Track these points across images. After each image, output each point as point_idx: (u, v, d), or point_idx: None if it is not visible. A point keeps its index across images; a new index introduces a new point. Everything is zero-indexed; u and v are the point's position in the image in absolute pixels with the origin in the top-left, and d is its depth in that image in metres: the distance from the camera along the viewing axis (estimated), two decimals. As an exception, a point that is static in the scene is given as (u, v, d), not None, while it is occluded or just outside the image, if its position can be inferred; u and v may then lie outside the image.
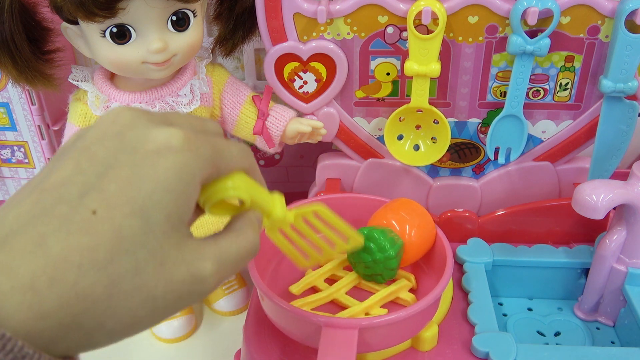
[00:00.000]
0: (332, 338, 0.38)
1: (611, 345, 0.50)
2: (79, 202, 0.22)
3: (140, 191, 0.22)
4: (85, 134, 0.24)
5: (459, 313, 0.48)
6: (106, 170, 0.23)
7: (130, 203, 0.22)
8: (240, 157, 0.27)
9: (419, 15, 0.48)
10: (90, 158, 0.23)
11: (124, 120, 0.24)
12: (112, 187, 0.22)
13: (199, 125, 0.27)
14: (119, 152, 0.23)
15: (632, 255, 0.49)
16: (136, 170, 0.23)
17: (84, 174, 0.23)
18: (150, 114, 0.25)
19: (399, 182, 0.59)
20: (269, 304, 0.43)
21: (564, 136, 0.55)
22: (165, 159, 0.23)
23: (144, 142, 0.23)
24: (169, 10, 0.45)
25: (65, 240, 0.21)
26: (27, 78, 0.48)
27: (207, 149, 0.25)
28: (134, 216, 0.22)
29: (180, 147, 0.24)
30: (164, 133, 0.24)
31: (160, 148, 0.23)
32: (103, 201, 0.22)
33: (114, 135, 0.24)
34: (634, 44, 0.47)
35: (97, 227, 0.22)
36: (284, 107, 0.55)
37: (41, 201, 0.22)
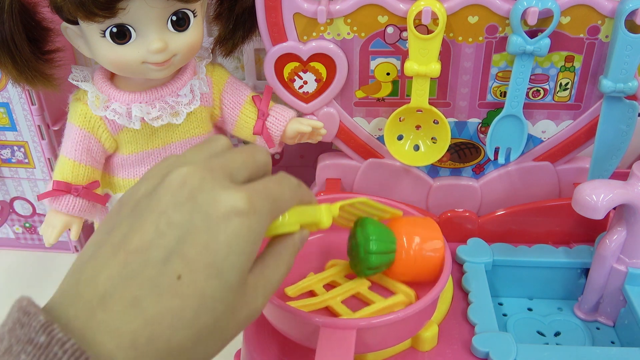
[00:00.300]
0: (330, 338, 0.38)
1: (611, 345, 0.51)
2: (164, 267, 0.25)
3: (216, 256, 0.25)
4: (158, 194, 0.27)
5: (459, 313, 0.48)
6: (185, 235, 0.25)
7: (209, 267, 0.25)
8: (292, 198, 0.31)
9: (419, 15, 0.48)
10: (168, 222, 0.26)
11: (194, 183, 0.26)
12: (192, 252, 0.25)
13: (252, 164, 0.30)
14: (194, 216, 0.26)
15: (632, 255, 0.49)
16: (211, 235, 0.25)
17: (165, 239, 0.25)
18: (212, 170, 0.27)
19: (399, 182, 0.59)
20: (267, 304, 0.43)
21: (564, 136, 0.55)
22: (235, 224, 0.26)
23: (214, 206, 0.26)
24: (169, 10, 0.45)
25: (158, 303, 0.24)
26: (27, 78, 0.48)
27: (267, 205, 0.28)
28: (213, 278, 0.25)
29: (247, 210, 0.26)
30: (231, 198, 0.26)
31: (229, 213, 0.26)
32: (186, 266, 0.25)
33: (186, 199, 0.26)
34: (634, 44, 0.47)
35: (183, 290, 0.25)
36: (284, 107, 0.55)
37: (129, 264, 0.25)
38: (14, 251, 0.73)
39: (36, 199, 0.68)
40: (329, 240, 0.53)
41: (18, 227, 0.72)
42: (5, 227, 0.72)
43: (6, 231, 0.72)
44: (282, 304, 0.40)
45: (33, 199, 0.69)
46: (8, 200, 0.69)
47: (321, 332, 0.39)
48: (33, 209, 0.70)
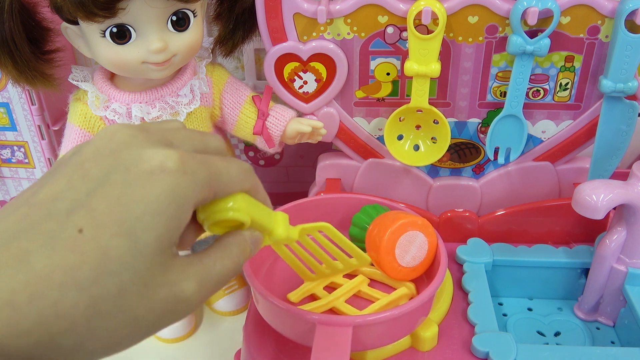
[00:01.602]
0: (327, 336, 0.38)
1: (611, 345, 0.51)
2: (66, 219, 0.22)
3: (130, 212, 0.22)
4: (81, 150, 0.24)
5: (459, 313, 0.48)
6: (97, 188, 0.22)
7: (118, 223, 0.22)
8: (239, 179, 0.27)
9: (419, 15, 0.48)
10: (83, 175, 0.23)
11: (121, 138, 0.24)
12: (101, 206, 0.22)
13: (199, 143, 0.27)
14: (112, 170, 0.23)
15: (632, 255, 0.49)
16: (128, 190, 0.22)
17: (75, 191, 0.22)
18: (148, 133, 0.25)
19: (399, 182, 0.59)
20: (263, 303, 0.43)
21: (564, 136, 0.55)
22: (158, 180, 0.23)
23: (138, 161, 0.23)
24: (169, 10, 0.45)
25: (49, 258, 0.21)
26: (27, 78, 0.48)
27: (203, 172, 0.24)
28: (121, 237, 0.22)
29: (175, 169, 0.23)
30: (159, 154, 0.23)
31: (153, 169, 0.23)
32: (91, 219, 0.22)
33: (109, 153, 0.23)
34: (634, 44, 0.47)
35: (82, 246, 0.21)
36: (284, 107, 0.55)
37: (29, 216, 0.22)
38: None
39: (36, 199, 0.68)
40: None
41: (18, 227, 0.72)
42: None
43: (6, 231, 0.72)
44: (277, 301, 0.40)
45: (33, 199, 0.69)
46: (8, 200, 0.69)
47: (317, 329, 0.39)
48: (33, 209, 0.70)
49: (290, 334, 0.43)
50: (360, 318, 0.39)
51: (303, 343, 0.42)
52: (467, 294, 0.50)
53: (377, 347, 0.43)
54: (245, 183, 0.27)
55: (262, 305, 0.44)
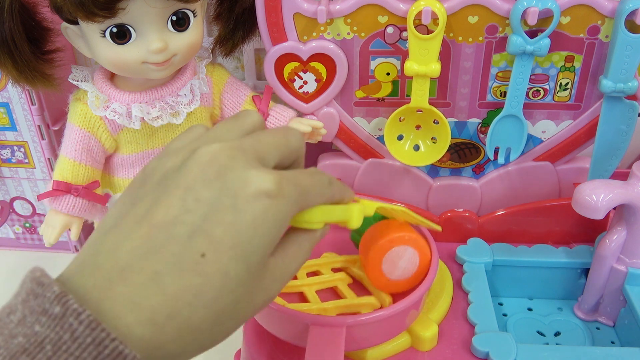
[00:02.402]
0: (320, 336, 0.39)
1: (611, 345, 0.51)
2: (188, 243, 0.24)
3: (242, 236, 0.25)
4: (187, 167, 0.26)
5: (459, 313, 0.48)
6: (211, 212, 0.25)
7: (234, 247, 0.25)
8: (322, 195, 0.29)
9: (419, 15, 0.48)
10: (195, 198, 0.25)
11: (223, 161, 0.26)
12: (218, 231, 0.24)
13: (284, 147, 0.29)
14: (222, 194, 0.25)
15: (632, 255, 0.49)
16: (238, 216, 0.25)
17: (191, 215, 0.25)
18: (245, 152, 0.27)
19: (399, 182, 0.59)
20: None
21: (564, 136, 0.55)
22: (262, 205, 0.25)
23: (243, 186, 0.25)
24: (169, 10, 0.45)
25: (179, 280, 0.24)
26: (27, 78, 0.48)
27: (296, 193, 0.27)
28: (237, 260, 0.25)
29: (275, 194, 0.26)
30: (260, 178, 0.25)
31: (258, 194, 0.25)
32: (211, 245, 0.24)
33: (216, 176, 0.25)
34: (634, 44, 0.47)
35: (206, 269, 0.24)
36: (284, 107, 0.55)
37: (152, 238, 0.24)
38: (14, 251, 0.74)
39: (36, 199, 0.68)
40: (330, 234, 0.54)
41: (18, 227, 0.72)
42: (5, 227, 0.72)
43: (6, 231, 0.72)
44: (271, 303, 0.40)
45: (33, 199, 0.69)
46: (8, 200, 0.69)
47: (310, 330, 0.39)
48: (33, 209, 0.70)
49: (283, 334, 0.43)
50: (352, 318, 0.40)
51: (296, 344, 0.42)
52: (467, 294, 0.50)
53: (371, 345, 0.43)
54: (326, 197, 0.30)
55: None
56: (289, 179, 0.27)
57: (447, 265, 0.53)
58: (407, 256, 0.44)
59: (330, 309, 0.45)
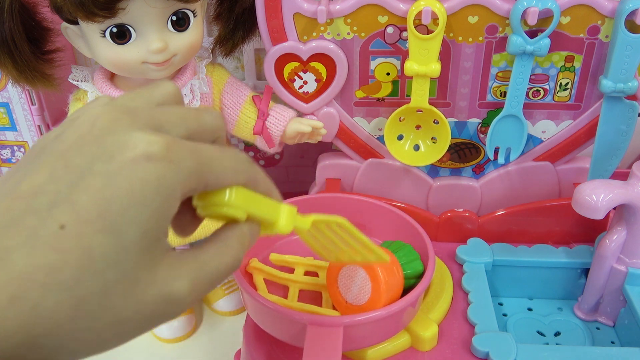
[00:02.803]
0: (317, 336, 0.39)
1: (611, 345, 0.50)
2: (47, 215, 0.20)
3: (113, 205, 0.20)
4: (63, 135, 0.22)
5: (459, 313, 0.48)
6: (79, 179, 0.21)
7: (101, 218, 0.20)
8: (234, 171, 0.25)
9: (419, 15, 0.48)
10: (65, 165, 0.21)
11: (104, 123, 0.22)
12: (83, 199, 0.20)
13: (193, 122, 0.25)
14: (95, 159, 0.21)
15: (632, 255, 0.49)
16: (111, 181, 0.21)
17: (57, 183, 0.21)
18: (135, 115, 0.23)
19: (399, 182, 0.59)
20: (252, 304, 0.43)
21: (564, 136, 0.55)
22: (143, 169, 0.21)
23: (122, 149, 0.21)
24: (169, 10, 0.45)
25: (31, 256, 0.20)
26: (27, 78, 0.48)
27: (192, 161, 0.23)
28: (105, 233, 0.20)
29: (160, 157, 0.21)
30: (144, 140, 0.21)
31: (137, 157, 0.21)
32: (73, 214, 0.20)
33: (93, 139, 0.22)
34: (634, 44, 0.47)
35: (64, 243, 0.20)
36: (284, 107, 0.55)
37: (10, 210, 0.21)
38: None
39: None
40: None
41: (18, 227, 0.72)
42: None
43: (6, 231, 0.72)
44: (267, 302, 0.40)
45: (33, 199, 0.69)
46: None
47: (308, 330, 0.39)
48: (33, 209, 0.70)
49: (280, 334, 0.43)
50: (348, 318, 0.40)
51: (294, 344, 0.42)
52: (467, 294, 0.50)
53: (369, 345, 0.43)
54: (241, 176, 0.25)
55: (251, 306, 0.44)
56: (184, 145, 0.23)
57: (447, 265, 0.53)
58: (359, 279, 0.43)
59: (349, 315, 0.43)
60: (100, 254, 0.20)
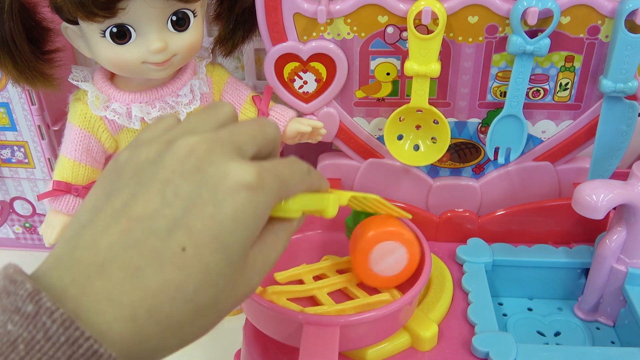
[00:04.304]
0: (314, 336, 0.38)
1: (611, 345, 0.51)
2: (168, 237, 0.24)
3: (223, 229, 0.24)
4: (164, 161, 0.25)
5: (459, 313, 0.48)
6: (191, 206, 0.24)
7: (215, 240, 0.24)
8: (301, 184, 0.29)
9: (419, 15, 0.48)
10: (175, 192, 0.25)
11: (202, 154, 0.25)
12: (198, 225, 0.24)
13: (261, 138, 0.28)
14: (202, 188, 0.25)
15: (632, 255, 0.49)
16: (218, 208, 0.24)
17: (171, 209, 0.24)
18: (222, 143, 0.26)
19: (399, 182, 0.59)
20: (247, 303, 0.43)
21: (564, 136, 0.55)
22: (243, 197, 0.25)
23: (223, 179, 0.25)
24: (169, 10, 0.45)
25: (160, 274, 0.23)
26: (27, 78, 0.48)
27: (276, 184, 0.27)
28: (218, 253, 0.24)
29: (255, 185, 0.25)
30: (240, 170, 0.25)
31: (238, 187, 0.25)
32: (191, 238, 0.24)
33: (195, 169, 0.25)
34: (634, 44, 0.47)
35: (187, 263, 0.24)
36: (284, 107, 0.55)
37: (132, 232, 0.24)
38: (14, 251, 0.73)
39: (36, 199, 0.68)
40: (325, 236, 0.54)
41: (18, 227, 0.72)
42: (5, 227, 0.72)
43: (6, 231, 0.72)
44: (264, 302, 0.40)
45: (33, 199, 0.69)
46: (8, 200, 0.69)
47: (304, 330, 0.39)
48: (33, 209, 0.70)
49: (277, 335, 0.43)
50: (344, 318, 0.40)
51: (290, 344, 0.42)
52: (467, 294, 0.50)
53: (367, 345, 0.43)
54: (304, 186, 0.30)
55: (247, 307, 0.44)
56: (268, 169, 0.27)
57: (447, 265, 0.53)
58: (397, 255, 0.45)
59: (347, 309, 0.45)
60: (215, 270, 0.24)
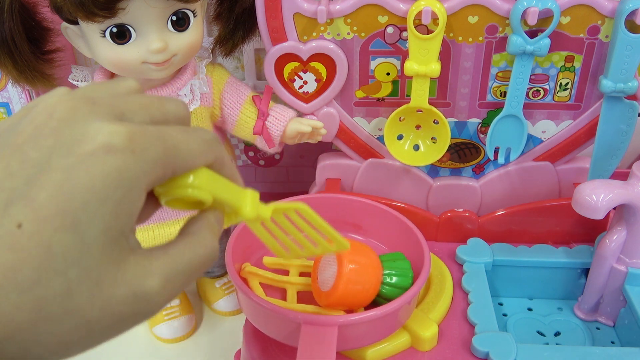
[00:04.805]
0: (312, 336, 0.38)
1: (611, 345, 0.51)
2: (4, 213, 0.19)
3: (73, 201, 0.19)
4: (18, 126, 0.21)
5: (459, 313, 0.48)
6: (37, 174, 0.20)
7: (61, 215, 0.19)
8: (201, 152, 0.23)
9: (419, 15, 0.48)
10: (21, 159, 0.20)
11: (62, 113, 0.21)
12: (41, 196, 0.19)
13: (156, 111, 0.23)
14: (53, 153, 0.20)
15: (632, 255, 0.49)
16: (70, 175, 0.19)
17: (13, 179, 0.20)
18: (95, 103, 0.21)
19: (399, 182, 0.59)
20: (246, 302, 0.43)
21: (564, 136, 0.55)
22: (103, 162, 0.20)
23: (81, 141, 0.20)
24: (169, 10, 0.45)
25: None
26: (27, 78, 0.48)
27: (157, 148, 0.21)
28: (65, 230, 0.19)
29: (122, 147, 0.20)
30: (104, 130, 0.20)
31: (97, 149, 0.20)
32: (31, 212, 0.19)
33: (50, 132, 0.20)
34: (634, 44, 0.47)
35: (22, 242, 0.19)
36: (284, 107, 0.55)
37: None
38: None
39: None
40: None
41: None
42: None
43: (6, 231, 0.72)
44: (262, 301, 0.40)
45: (33, 199, 0.69)
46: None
47: (302, 329, 0.39)
48: (33, 209, 0.70)
49: (275, 334, 0.43)
50: (343, 318, 0.40)
51: (289, 343, 0.42)
52: (467, 294, 0.50)
53: (366, 345, 0.43)
54: (208, 156, 0.24)
55: (246, 306, 0.44)
56: (148, 132, 0.21)
57: (447, 265, 0.53)
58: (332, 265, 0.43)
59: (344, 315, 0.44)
60: (60, 253, 0.19)
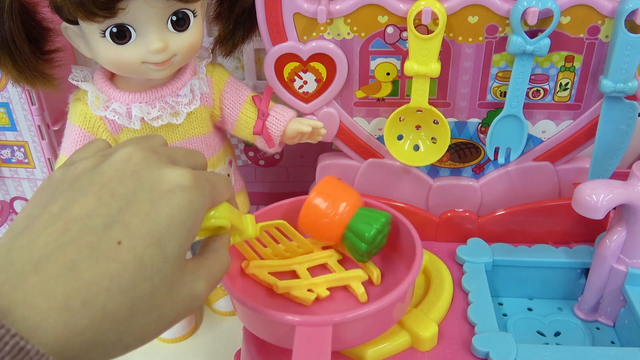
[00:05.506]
0: (306, 337, 0.38)
1: (611, 345, 0.51)
2: (104, 233, 0.25)
3: (158, 225, 0.26)
4: (102, 169, 0.27)
5: (459, 313, 0.48)
6: (127, 205, 0.26)
7: (150, 235, 0.26)
8: (226, 190, 0.32)
9: (419, 15, 0.48)
10: (110, 194, 0.26)
11: (137, 160, 0.27)
12: (134, 221, 0.25)
13: (192, 159, 0.32)
14: (137, 189, 0.26)
15: (632, 255, 0.49)
16: (154, 206, 0.26)
17: (107, 208, 0.26)
18: (158, 154, 0.29)
19: (399, 182, 0.59)
20: (239, 307, 0.43)
21: (564, 136, 0.55)
22: (178, 197, 0.27)
23: (158, 181, 0.27)
24: (169, 10, 0.45)
25: (95, 267, 0.24)
26: (27, 78, 0.48)
27: (207, 186, 0.29)
28: (153, 246, 0.26)
29: (189, 186, 0.27)
30: (175, 173, 0.28)
31: (173, 187, 0.27)
32: (127, 233, 0.25)
33: (131, 174, 0.27)
34: (634, 44, 0.47)
35: (122, 255, 0.25)
36: (284, 107, 0.55)
37: (69, 230, 0.25)
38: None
39: (36, 199, 0.68)
40: None
41: (18, 227, 0.72)
42: (5, 227, 0.72)
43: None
44: (256, 306, 0.40)
45: (33, 199, 0.69)
46: (8, 200, 0.69)
47: (297, 331, 0.39)
48: (33, 209, 0.70)
49: (270, 337, 0.42)
50: (338, 316, 0.39)
51: (284, 346, 0.41)
52: (467, 294, 0.50)
53: (361, 343, 0.43)
54: (229, 193, 0.33)
55: (239, 311, 0.44)
56: (200, 174, 0.29)
57: (447, 265, 0.53)
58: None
59: (320, 283, 0.46)
60: (149, 264, 0.25)
